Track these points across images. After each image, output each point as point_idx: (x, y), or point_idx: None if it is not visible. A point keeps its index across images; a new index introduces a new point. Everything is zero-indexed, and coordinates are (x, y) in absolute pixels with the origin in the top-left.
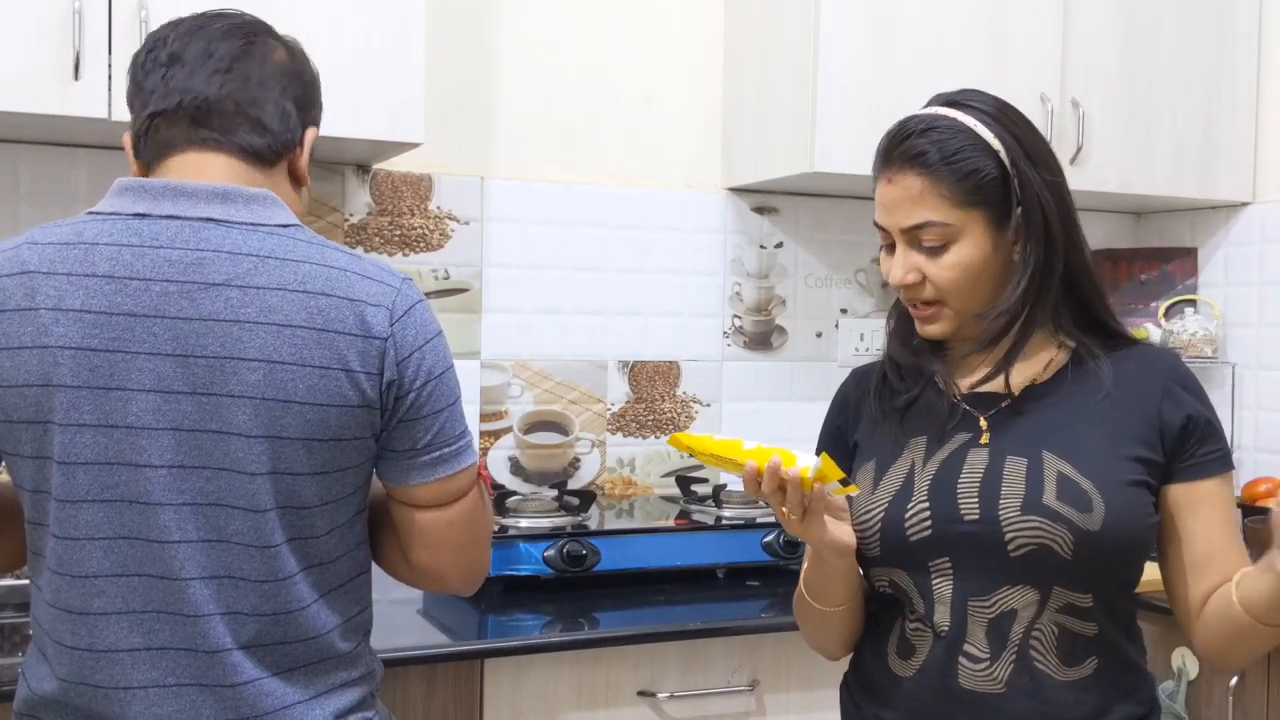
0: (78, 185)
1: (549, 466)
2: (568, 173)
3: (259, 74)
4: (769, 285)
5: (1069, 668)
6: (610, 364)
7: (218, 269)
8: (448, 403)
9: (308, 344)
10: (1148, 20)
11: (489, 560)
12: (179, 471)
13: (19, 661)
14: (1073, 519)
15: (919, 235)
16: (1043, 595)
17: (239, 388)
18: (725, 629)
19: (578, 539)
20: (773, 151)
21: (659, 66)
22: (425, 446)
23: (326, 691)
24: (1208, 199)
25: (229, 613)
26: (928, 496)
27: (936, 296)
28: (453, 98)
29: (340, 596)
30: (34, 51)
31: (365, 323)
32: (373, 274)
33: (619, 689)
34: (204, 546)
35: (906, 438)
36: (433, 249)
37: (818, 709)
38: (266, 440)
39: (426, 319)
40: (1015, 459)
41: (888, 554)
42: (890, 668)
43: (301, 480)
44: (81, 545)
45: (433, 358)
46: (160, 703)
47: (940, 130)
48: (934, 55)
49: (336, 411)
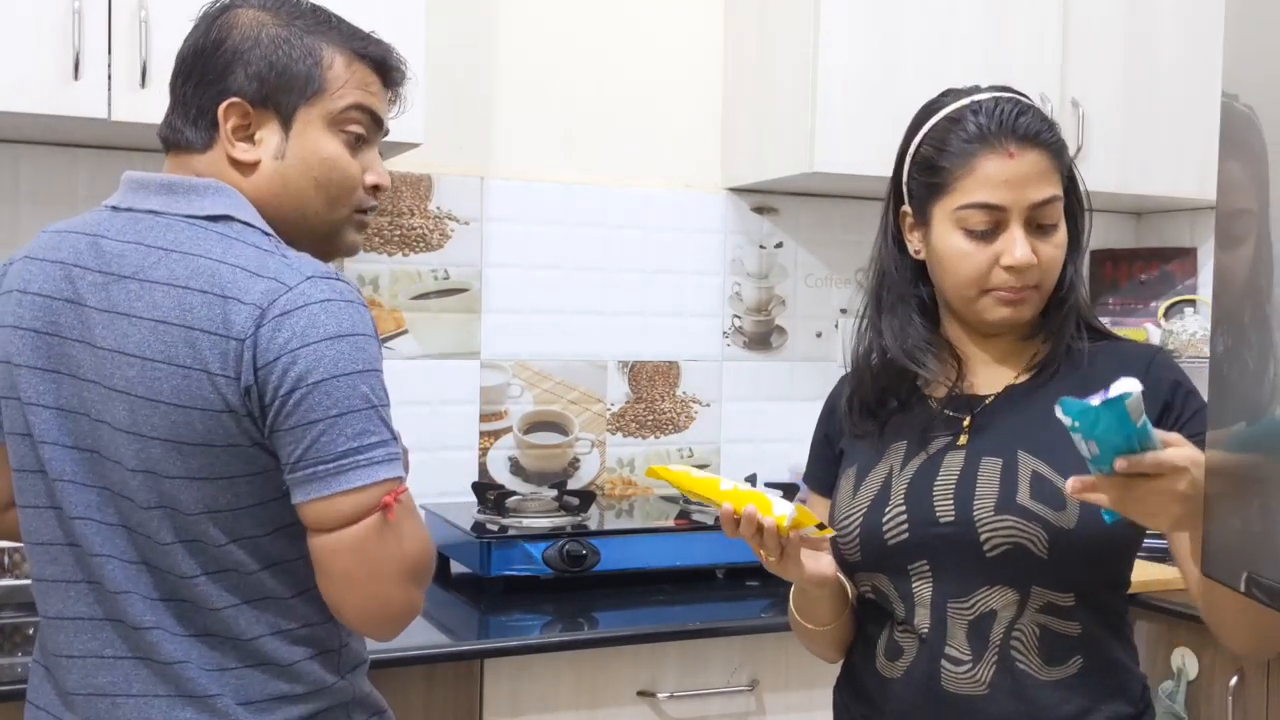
0: (78, 185)
1: (549, 466)
2: (567, 173)
3: (196, 61)
4: (769, 285)
5: (1051, 667)
6: (610, 364)
7: (130, 261)
8: (325, 415)
9: (175, 342)
10: (1148, 20)
11: (402, 602)
12: (85, 455)
13: (19, 661)
14: (1047, 517)
15: (1042, 212)
16: (1022, 595)
17: (121, 383)
18: (725, 629)
19: (577, 539)
20: (773, 151)
21: (659, 66)
22: (296, 462)
23: (264, 700)
24: (1207, 199)
25: (149, 596)
26: (904, 500)
27: (1040, 278)
28: (453, 98)
29: (270, 606)
30: (34, 51)
31: (228, 321)
32: (269, 273)
33: (619, 689)
34: (119, 530)
35: (887, 444)
36: (432, 249)
37: (817, 709)
38: (137, 438)
39: (319, 322)
40: (990, 459)
41: (868, 559)
42: (878, 670)
43: (176, 484)
44: (32, 513)
45: (309, 364)
46: (96, 673)
47: (1035, 110)
48: (934, 55)
49: (200, 415)
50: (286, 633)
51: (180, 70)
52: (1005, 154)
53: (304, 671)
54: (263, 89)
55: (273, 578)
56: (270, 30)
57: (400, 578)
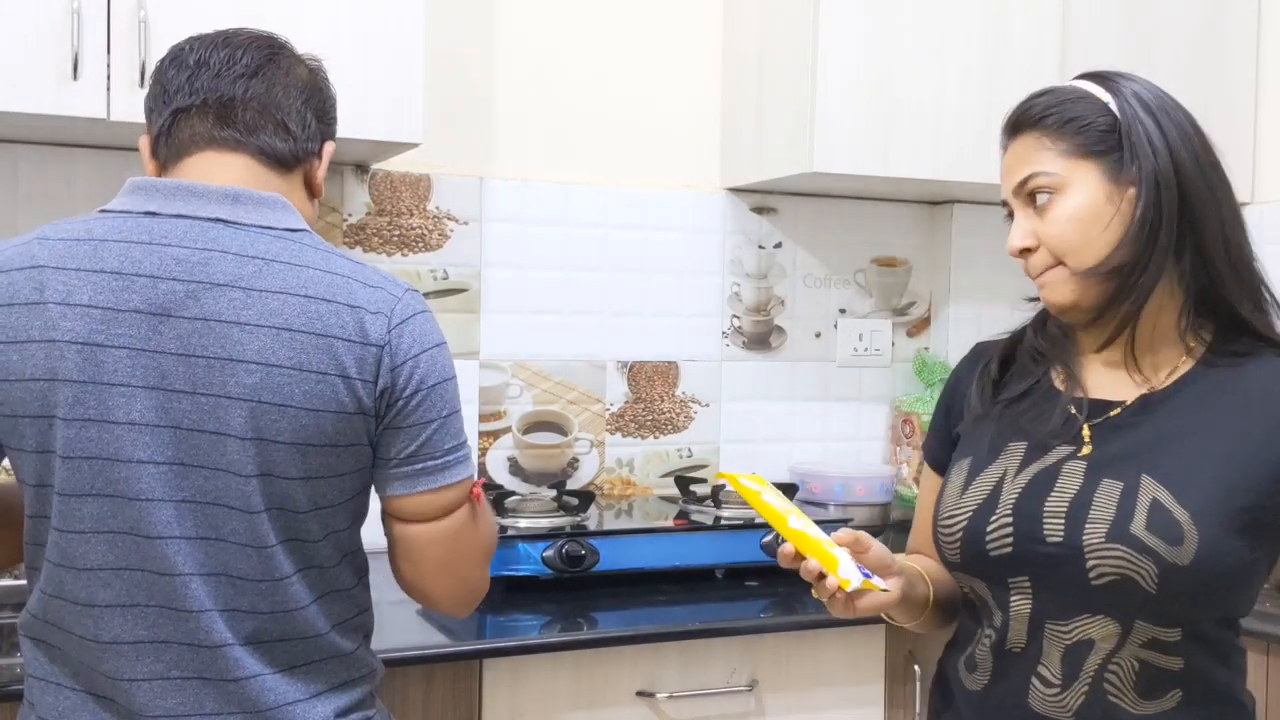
0: (77, 185)
1: (548, 467)
2: (567, 173)
3: (284, 81)
4: (768, 285)
5: (1148, 701)
6: (609, 364)
7: (223, 269)
8: (438, 415)
9: (306, 348)
10: (1147, 21)
11: (482, 582)
12: (178, 469)
13: (19, 662)
14: (1160, 551)
15: (1028, 190)
16: (1124, 628)
17: (236, 389)
18: (724, 629)
19: (576, 539)
20: (772, 151)
21: (658, 66)
22: (408, 457)
23: (327, 690)
24: None
25: (227, 609)
26: (1012, 512)
27: (1052, 259)
28: (451, 98)
29: (338, 598)
30: (33, 51)
31: (364, 329)
32: (376, 282)
33: (618, 689)
34: (201, 544)
35: (1005, 441)
36: (431, 249)
37: (817, 709)
38: (258, 443)
39: (427, 330)
40: (1111, 481)
41: (967, 563)
42: (961, 679)
43: (294, 485)
44: (85, 539)
45: (427, 368)
46: (165, 695)
47: (1054, 93)
48: (934, 55)
49: (332, 417)
50: (347, 622)
51: (299, 89)
52: (1003, 149)
53: (359, 658)
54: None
55: (344, 569)
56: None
57: (482, 560)
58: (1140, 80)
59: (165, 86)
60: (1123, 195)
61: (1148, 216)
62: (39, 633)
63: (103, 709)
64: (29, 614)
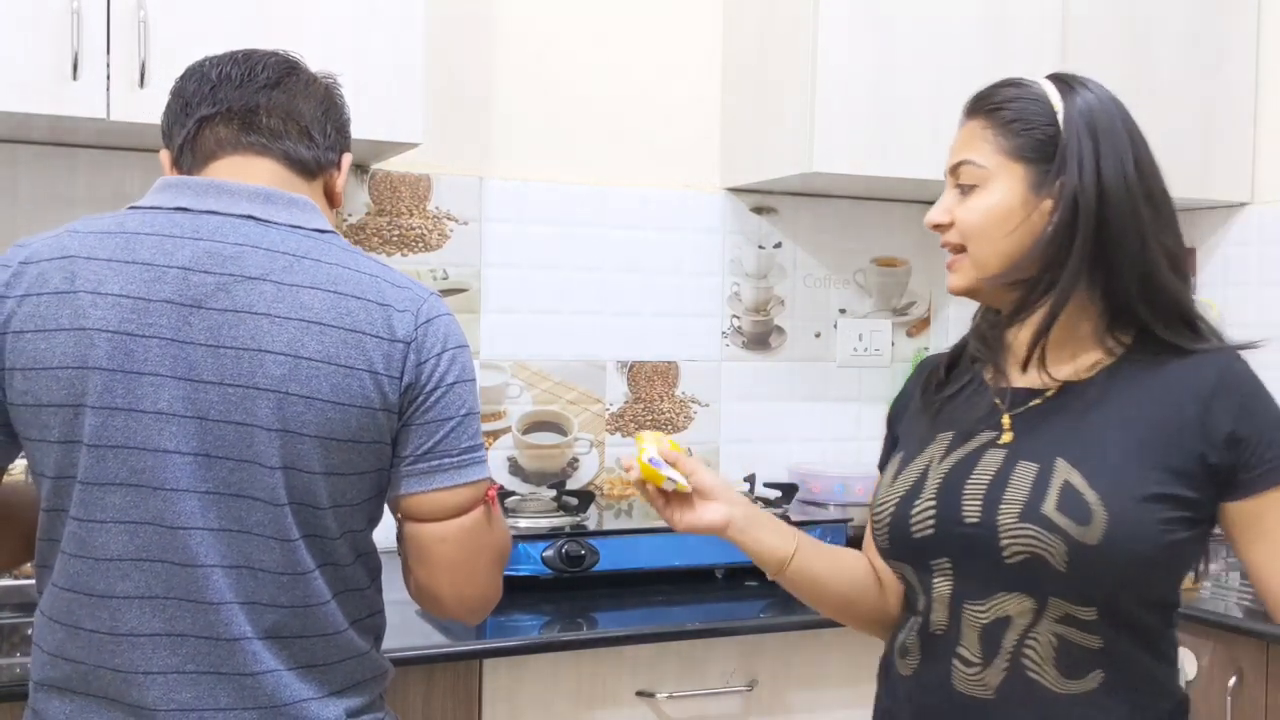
0: (77, 185)
1: (547, 467)
2: (566, 173)
3: (304, 92)
4: (768, 285)
5: (1070, 680)
6: (609, 364)
7: (255, 263)
8: (456, 413)
9: (335, 342)
10: (1147, 20)
11: (494, 588)
12: (204, 460)
13: (19, 662)
14: (1069, 530)
15: (958, 175)
16: (1038, 604)
17: (264, 380)
18: (724, 629)
19: (576, 539)
20: (772, 151)
21: (658, 66)
22: (425, 453)
23: (341, 690)
24: (1206, 199)
25: (248, 602)
26: (935, 496)
27: (959, 240)
28: (451, 98)
29: (354, 597)
30: (32, 51)
31: (391, 326)
32: (403, 282)
33: (617, 689)
34: (225, 535)
35: (935, 432)
36: (431, 249)
37: (816, 709)
38: (283, 435)
39: (452, 330)
40: (1027, 464)
41: (896, 548)
42: (896, 666)
43: (315, 479)
44: (106, 528)
45: (448, 366)
46: (179, 689)
47: (1014, 86)
48: (933, 55)
49: (357, 412)
50: (362, 621)
51: (319, 101)
52: (958, 127)
53: (372, 658)
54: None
55: (359, 568)
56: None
57: (494, 565)
58: (1100, 96)
59: (186, 100)
60: (1037, 206)
61: (1059, 235)
62: (45, 634)
63: (109, 710)
64: (39, 612)
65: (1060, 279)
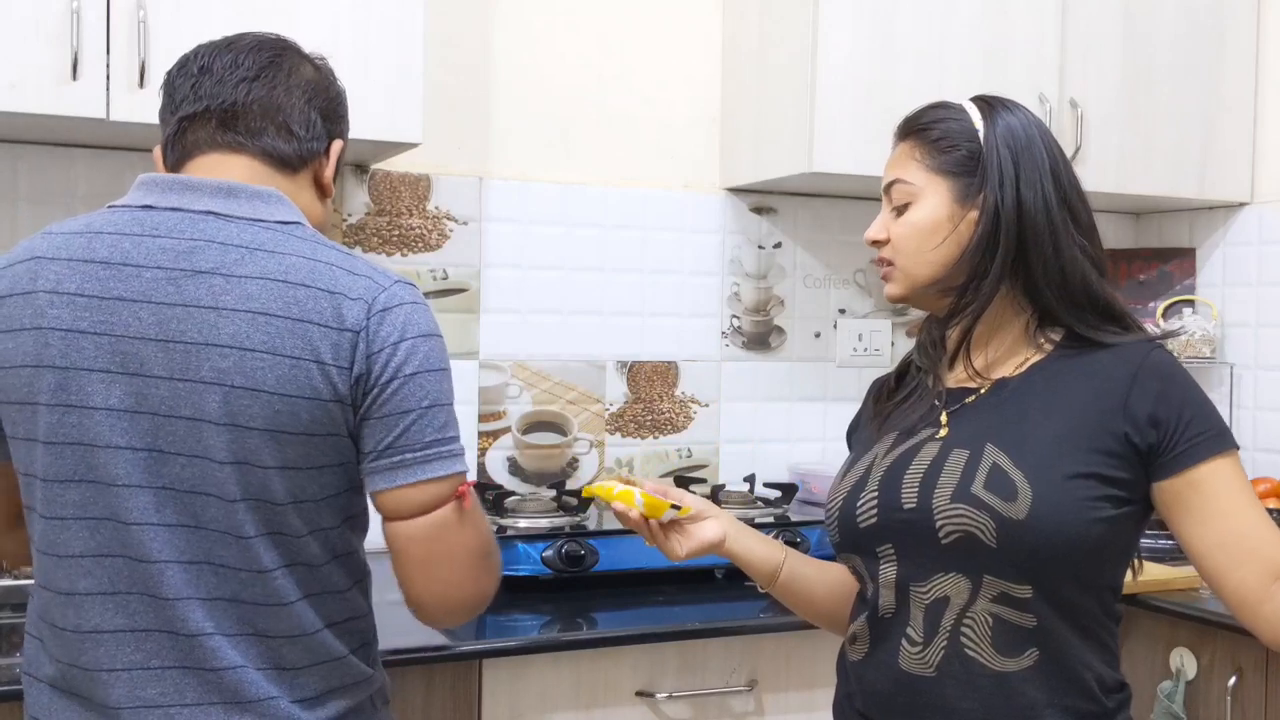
0: (76, 185)
1: (547, 467)
2: (566, 173)
3: (286, 83)
4: (767, 285)
5: (1006, 657)
6: (609, 364)
7: (207, 257)
8: (417, 405)
9: (280, 333)
10: (1147, 20)
11: (475, 589)
12: (156, 455)
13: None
14: (996, 507)
15: (891, 194)
16: (974, 583)
17: (210, 374)
18: (723, 629)
19: (576, 539)
20: (771, 152)
21: (658, 66)
22: (386, 449)
23: (318, 695)
24: (1206, 199)
25: (209, 598)
26: (878, 486)
27: (890, 255)
28: (451, 98)
29: (330, 599)
30: (32, 52)
31: (340, 314)
32: (363, 271)
33: (617, 689)
34: (181, 531)
35: (883, 433)
36: (431, 249)
37: (816, 709)
38: (231, 429)
39: (414, 319)
40: (959, 451)
41: (845, 540)
42: (848, 653)
43: (270, 474)
44: (67, 525)
45: (407, 355)
46: (144, 685)
47: (941, 108)
48: (933, 55)
49: (307, 404)
50: (340, 625)
51: (302, 89)
52: (891, 149)
53: (352, 664)
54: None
55: (336, 570)
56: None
57: (472, 565)
58: (1020, 117)
59: (173, 95)
60: (964, 217)
61: (983, 243)
62: (33, 629)
63: (80, 707)
64: (31, 609)
65: (984, 283)
